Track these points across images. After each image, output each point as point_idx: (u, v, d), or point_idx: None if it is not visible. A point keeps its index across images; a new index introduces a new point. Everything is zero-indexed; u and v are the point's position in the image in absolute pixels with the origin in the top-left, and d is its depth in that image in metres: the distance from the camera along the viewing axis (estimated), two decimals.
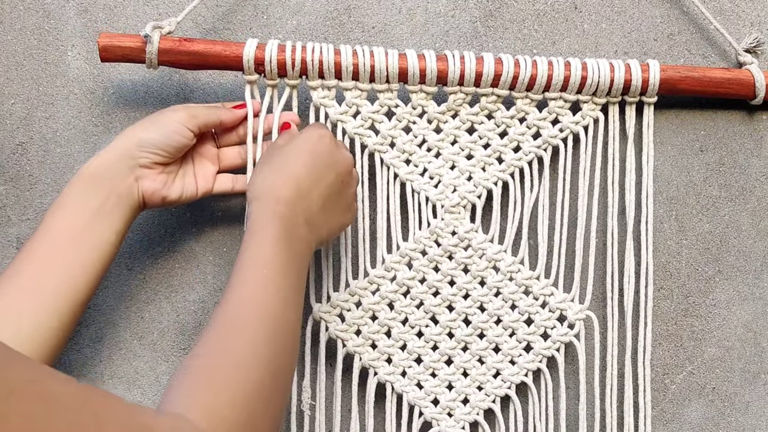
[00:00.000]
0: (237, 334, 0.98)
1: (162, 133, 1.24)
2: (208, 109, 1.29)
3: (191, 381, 0.92)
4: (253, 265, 1.06)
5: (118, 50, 1.29)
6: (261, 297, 1.03)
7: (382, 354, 1.37)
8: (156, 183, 1.24)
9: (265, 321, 1.01)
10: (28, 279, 1.14)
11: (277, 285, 1.05)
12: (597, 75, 1.36)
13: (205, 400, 0.90)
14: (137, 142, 1.22)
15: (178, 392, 0.91)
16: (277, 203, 1.12)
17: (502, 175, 1.38)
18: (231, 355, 0.96)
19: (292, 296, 1.07)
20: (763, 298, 1.52)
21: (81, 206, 1.19)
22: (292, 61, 1.30)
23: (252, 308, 1.02)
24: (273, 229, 1.09)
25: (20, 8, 1.38)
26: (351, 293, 1.36)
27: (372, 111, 1.35)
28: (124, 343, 1.41)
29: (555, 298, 1.40)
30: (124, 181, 1.22)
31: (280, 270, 1.07)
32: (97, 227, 1.19)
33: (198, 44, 1.30)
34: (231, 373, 0.94)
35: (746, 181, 1.50)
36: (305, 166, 1.17)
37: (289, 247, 1.09)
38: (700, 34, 1.49)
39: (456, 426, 1.39)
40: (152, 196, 1.25)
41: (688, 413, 1.51)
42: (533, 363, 1.40)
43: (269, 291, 1.04)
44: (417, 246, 1.37)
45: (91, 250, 1.18)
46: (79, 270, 1.17)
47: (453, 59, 1.33)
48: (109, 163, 1.21)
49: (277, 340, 1.01)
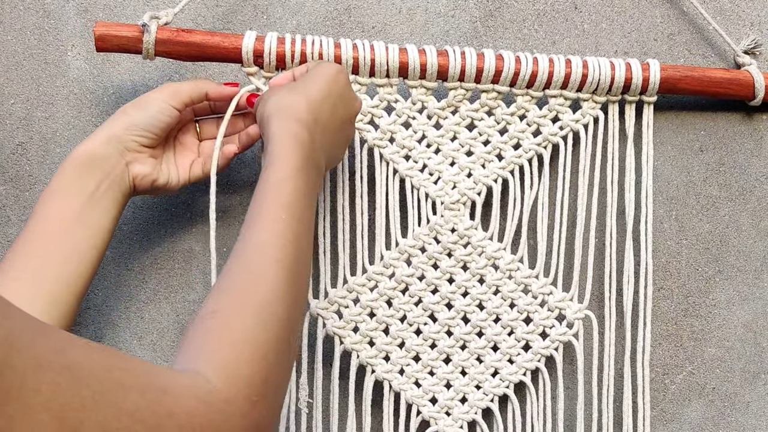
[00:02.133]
0: (255, 288, 0.95)
1: (147, 114, 1.21)
2: (193, 82, 1.26)
3: (209, 337, 0.89)
4: (272, 206, 1.02)
5: (114, 39, 1.26)
6: (279, 247, 0.99)
7: (380, 352, 1.34)
8: (147, 167, 1.22)
9: (282, 274, 0.97)
10: (26, 270, 1.12)
11: (295, 232, 1.01)
12: (598, 73, 1.34)
13: (224, 358, 0.87)
14: (124, 126, 1.20)
15: (196, 348, 0.88)
16: (298, 124, 1.09)
17: (502, 172, 1.36)
18: (249, 310, 0.92)
19: (306, 242, 1.04)
20: (763, 298, 1.49)
21: (74, 192, 1.16)
22: (292, 54, 1.28)
23: (269, 260, 0.97)
24: (294, 157, 1.06)
25: (20, 8, 1.37)
26: (349, 290, 1.34)
27: (372, 105, 1.32)
28: (124, 343, 1.39)
29: (554, 297, 1.37)
30: (116, 166, 1.19)
31: (297, 211, 1.03)
32: (92, 213, 1.17)
33: (196, 35, 1.27)
34: (250, 330, 0.91)
35: (746, 181, 1.48)
36: (323, 94, 1.15)
37: (307, 178, 1.06)
38: (700, 34, 1.47)
39: (454, 425, 1.36)
40: (143, 180, 1.22)
41: (688, 413, 1.48)
42: (532, 362, 1.37)
43: (287, 238, 1.00)
44: (416, 243, 1.34)
45: (87, 237, 1.16)
46: (77, 257, 1.15)
47: (454, 54, 1.31)
48: (99, 148, 1.19)
49: (292, 293, 0.97)
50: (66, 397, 0.69)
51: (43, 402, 0.68)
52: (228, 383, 0.84)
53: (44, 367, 0.69)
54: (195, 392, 0.81)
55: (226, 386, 0.84)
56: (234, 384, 0.85)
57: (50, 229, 1.14)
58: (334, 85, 1.16)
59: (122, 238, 1.37)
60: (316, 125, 1.11)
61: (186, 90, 1.24)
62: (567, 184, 1.37)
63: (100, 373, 0.73)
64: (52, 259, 1.13)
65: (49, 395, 0.68)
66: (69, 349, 0.73)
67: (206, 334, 0.89)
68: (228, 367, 0.86)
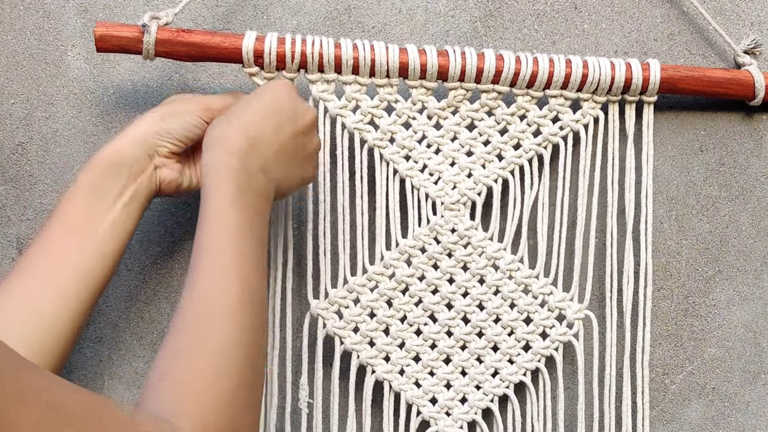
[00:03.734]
0: (206, 341, 0.94)
1: (181, 124, 1.20)
2: (224, 98, 1.24)
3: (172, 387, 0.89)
4: (212, 248, 1.01)
5: (114, 40, 1.24)
6: (224, 293, 0.98)
7: (381, 352, 1.33)
8: (174, 172, 1.21)
9: (232, 319, 0.96)
10: (46, 266, 1.11)
11: (239, 270, 1.00)
12: (598, 73, 1.33)
13: (189, 407, 0.87)
14: (157, 131, 1.19)
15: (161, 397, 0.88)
16: (229, 154, 1.08)
17: (502, 172, 1.34)
18: (205, 365, 0.92)
19: (255, 275, 1.02)
20: (763, 298, 1.48)
21: (101, 193, 1.15)
22: (292, 54, 1.26)
23: (216, 309, 0.96)
24: (227, 189, 1.04)
25: (20, 8, 1.36)
26: (349, 290, 1.32)
27: (372, 106, 1.31)
28: (124, 343, 1.38)
29: (554, 297, 1.36)
30: (145, 170, 1.18)
31: (238, 243, 1.02)
32: (117, 216, 1.16)
33: (196, 35, 1.26)
34: (208, 382, 0.90)
35: (746, 181, 1.47)
36: (261, 116, 1.13)
37: (245, 207, 1.05)
38: (700, 34, 1.46)
39: (454, 425, 1.35)
40: (169, 185, 1.21)
41: (688, 413, 1.47)
42: (532, 362, 1.36)
43: (232, 281, 0.99)
44: (416, 243, 1.33)
45: (111, 239, 1.15)
46: (99, 258, 1.14)
47: (454, 54, 1.30)
48: (129, 149, 1.17)
49: (247, 335, 0.96)
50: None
51: None
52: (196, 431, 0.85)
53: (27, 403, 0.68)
54: None
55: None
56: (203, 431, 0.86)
57: (71, 228, 1.13)
58: (276, 103, 1.15)
59: None
60: (252, 151, 1.10)
61: (218, 106, 1.22)
62: (567, 184, 1.36)
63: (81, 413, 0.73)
64: (73, 258, 1.12)
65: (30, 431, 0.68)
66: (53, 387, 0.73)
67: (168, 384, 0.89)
68: (194, 417, 0.86)
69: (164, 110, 1.21)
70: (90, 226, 1.13)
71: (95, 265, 1.13)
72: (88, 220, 1.13)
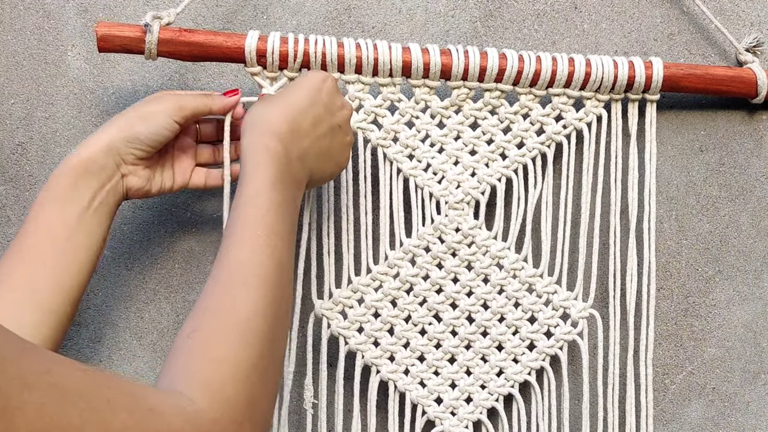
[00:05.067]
0: (235, 306, 0.94)
1: (150, 128, 1.18)
2: (198, 97, 1.22)
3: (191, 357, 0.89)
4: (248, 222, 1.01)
5: (116, 40, 1.23)
6: (258, 263, 0.98)
7: (385, 352, 1.32)
8: (141, 180, 1.20)
9: (262, 290, 0.96)
10: (22, 279, 1.10)
11: (273, 247, 1.00)
12: (601, 71, 1.33)
13: (206, 378, 0.86)
14: (125, 137, 1.17)
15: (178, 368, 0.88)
16: (271, 137, 1.07)
17: (506, 171, 1.34)
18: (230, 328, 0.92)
19: (286, 256, 1.02)
20: (763, 298, 1.48)
21: (70, 201, 1.14)
22: (295, 53, 1.26)
23: (248, 277, 0.96)
24: (266, 171, 1.04)
25: (20, 8, 1.35)
26: (353, 290, 1.31)
27: (375, 105, 1.30)
28: (124, 344, 1.38)
29: (558, 296, 1.35)
30: (112, 178, 1.17)
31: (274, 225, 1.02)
32: (88, 224, 1.14)
33: (199, 35, 1.25)
34: (232, 348, 0.90)
35: (746, 181, 1.47)
36: (304, 103, 1.13)
37: (283, 191, 1.05)
38: (700, 34, 1.46)
39: (459, 425, 1.34)
40: (137, 192, 1.20)
41: (688, 413, 1.47)
42: (537, 361, 1.35)
43: (265, 254, 0.99)
44: (420, 242, 1.32)
45: (83, 248, 1.14)
46: (74, 267, 1.13)
47: (457, 53, 1.29)
48: (96, 156, 1.15)
49: (273, 309, 0.96)
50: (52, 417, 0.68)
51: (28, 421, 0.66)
52: (212, 404, 0.85)
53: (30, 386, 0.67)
54: (182, 413, 0.81)
55: (211, 407, 0.84)
56: (218, 405, 0.85)
57: (46, 238, 1.12)
58: (316, 94, 1.15)
59: (122, 238, 1.36)
60: (293, 136, 1.10)
61: (191, 106, 1.21)
62: (571, 183, 1.36)
63: (87, 392, 0.72)
64: (47, 268, 1.11)
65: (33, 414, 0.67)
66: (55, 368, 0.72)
67: (188, 353, 0.89)
68: (211, 388, 0.86)
69: (134, 114, 1.19)
70: (60, 235, 1.12)
71: (72, 275, 1.12)
72: (61, 228, 1.12)
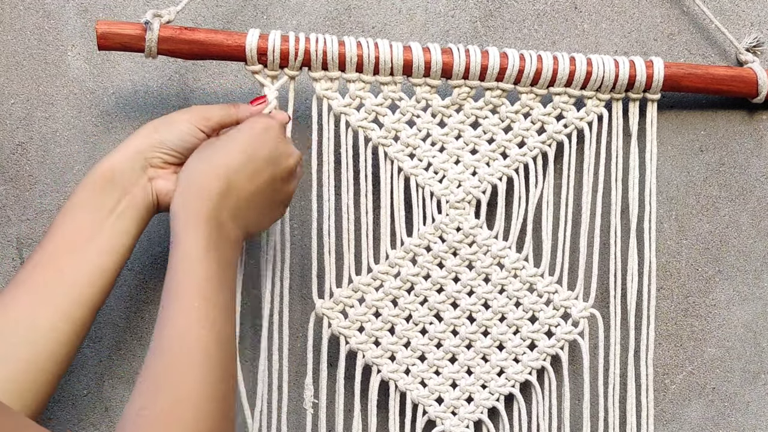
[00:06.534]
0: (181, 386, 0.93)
1: (176, 134, 1.17)
2: (224, 108, 1.21)
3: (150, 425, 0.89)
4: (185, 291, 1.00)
5: (116, 38, 1.22)
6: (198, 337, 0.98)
7: (386, 351, 1.31)
8: (170, 183, 1.17)
9: (206, 366, 0.96)
10: (40, 283, 1.09)
11: (212, 320, 0.99)
12: (602, 70, 1.32)
13: None
14: (152, 142, 1.16)
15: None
16: (202, 201, 1.06)
17: (507, 170, 1.33)
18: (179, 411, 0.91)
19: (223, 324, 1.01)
20: (763, 298, 1.47)
21: (95, 208, 1.13)
22: (296, 51, 1.24)
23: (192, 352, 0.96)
24: (198, 238, 1.03)
25: (20, 8, 1.34)
26: (354, 289, 1.30)
27: (376, 104, 1.29)
28: (124, 343, 1.36)
29: (559, 296, 1.34)
30: (138, 182, 1.15)
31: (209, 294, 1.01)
32: (111, 231, 1.13)
33: (199, 33, 1.24)
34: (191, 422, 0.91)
35: (746, 181, 1.46)
36: (241, 159, 1.11)
37: (217, 258, 1.04)
38: (701, 34, 1.45)
39: (460, 425, 1.33)
40: (166, 196, 1.17)
41: (688, 413, 1.46)
42: (537, 361, 1.34)
43: (205, 328, 0.98)
44: (421, 242, 1.31)
45: (106, 254, 1.12)
46: (97, 274, 1.11)
47: (458, 52, 1.28)
48: (122, 163, 1.14)
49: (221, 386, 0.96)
50: None
51: None
52: None
53: None
54: None
55: None
56: None
57: (67, 245, 1.10)
58: (258, 146, 1.13)
59: None
60: (225, 197, 1.08)
61: (216, 116, 1.19)
62: (571, 182, 1.35)
63: None
64: (64, 274, 1.09)
65: None
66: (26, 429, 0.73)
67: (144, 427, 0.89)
68: None
69: (159, 121, 1.19)
70: (85, 241, 1.11)
71: (91, 282, 1.11)
72: (82, 235, 1.11)
